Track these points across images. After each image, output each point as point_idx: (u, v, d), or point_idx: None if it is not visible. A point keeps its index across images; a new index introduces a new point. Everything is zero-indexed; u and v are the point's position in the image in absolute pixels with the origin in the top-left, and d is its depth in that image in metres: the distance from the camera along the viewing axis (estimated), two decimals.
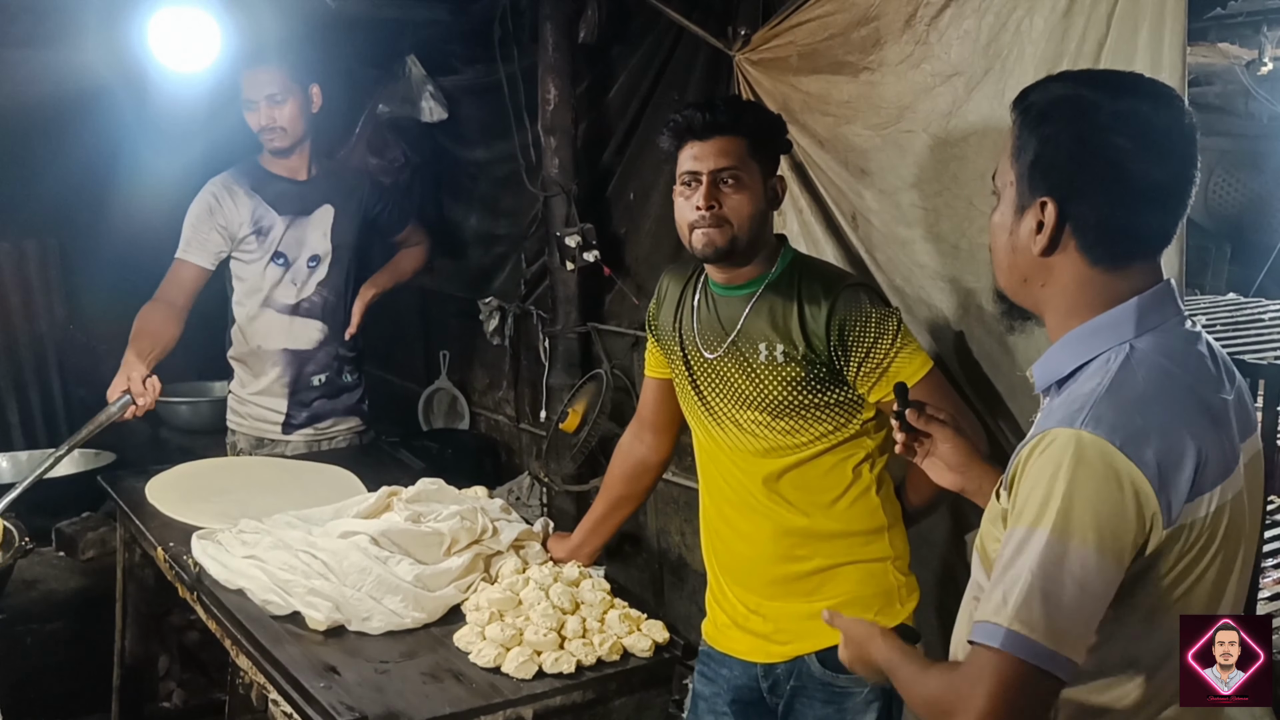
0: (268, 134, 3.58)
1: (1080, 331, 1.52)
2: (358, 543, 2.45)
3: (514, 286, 4.58)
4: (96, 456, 4.41)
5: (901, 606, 2.34)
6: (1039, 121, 1.52)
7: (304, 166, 3.70)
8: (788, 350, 2.26)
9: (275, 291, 3.68)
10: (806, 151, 2.86)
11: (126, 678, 3.44)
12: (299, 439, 3.75)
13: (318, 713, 2.02)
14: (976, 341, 2.55)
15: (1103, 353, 1.49)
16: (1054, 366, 1.54)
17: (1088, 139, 1.48)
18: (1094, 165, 1.48)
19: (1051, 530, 1.36)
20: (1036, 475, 1.40)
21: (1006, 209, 1.57)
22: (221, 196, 3.62)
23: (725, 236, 2.23)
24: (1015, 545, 1.40)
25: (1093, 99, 1.50)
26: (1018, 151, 1.54)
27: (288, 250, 3.67)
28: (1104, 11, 2.17)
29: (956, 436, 1.88)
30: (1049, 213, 1.49)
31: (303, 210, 3.68)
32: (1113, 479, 1.37)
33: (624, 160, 3.96)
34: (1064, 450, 1.39)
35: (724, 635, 2.45)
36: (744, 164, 2.24)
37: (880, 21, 2.63)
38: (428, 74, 4.62)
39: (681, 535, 3.86)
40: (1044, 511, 1.38)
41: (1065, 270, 1.52)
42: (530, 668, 2.15)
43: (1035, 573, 1.36)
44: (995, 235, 1.60)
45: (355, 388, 3.90)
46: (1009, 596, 1.38)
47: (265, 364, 3.72)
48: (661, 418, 2.64)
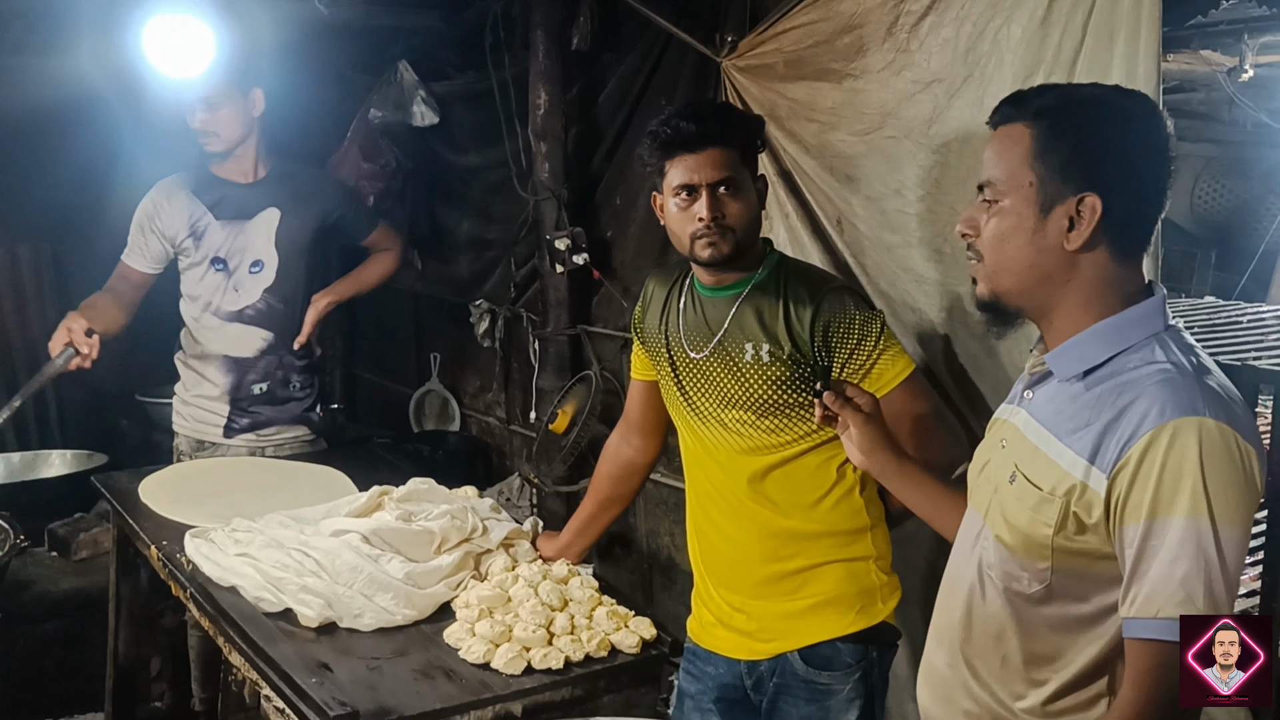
0: (202, 137, 3.50)
1: (1114, 322, 1.57)
2: (349, 541, 2.47)
3: (504, 289, 4.60)
4: (89, 458, 4.45)
5: (883, 605, 2.36)
6: (1071, 120, 1.57)
7: (251, 169, 3.59)
8: (774, 350, 2.28)
9: (216, 297, 3.57)
10: (793, 157, 2.90)
11: (120, 678, 3.44)
12: (240, 443, 3.63)
13: (310, 709, 2.03)
14: (961, 344, 2.58)
15: (1137, 343, 1.56)
16: (1084, 355, 1.58)
17: (1128, 137, 1.56)
18: (1133, 162, 1.57)
19: (1207, 518, 1.42)
20: (1175, 465, 1.44)
21: (1024, 210, 1.59)
22: (160, 201, 3.55)
23: (730, 244, 2.26)
24: (1175, 536, 1.44)
25: (1119, 102, 1.60)
26: (1041, 152, 1.57)
27: (227, 256, 3.55)
28: (1080, 21, 2.20)
29: (866, 424, 1.95)
30: (1089, 206, 1.54)
31: (243, 214, 3.56)
32: (1240, 461, 1.45)
33: (613, 165, 3.99)
34: (1196, 438, 1.44)
35: (709, 633, 2.47)
36: (738, 171, 2.27)
37: (863, 29, 2.66)
38: (419, 79, 4.64)
39: (671, 536, 3.88)
40: (1195, 501, 1.43)
41: (1090, 265, 1.58)
42: (519, 664, 2.17)
43: (1210, 560, 1.42)
44: (1004, 239, 1.62)
45: (304, 397, 3.74)
46: (1193, 591, 1.43)
47: (207, 368, 3.62)
48: (648, 420, 2.66)
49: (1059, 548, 1.57)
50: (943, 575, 1.84)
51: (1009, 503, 1.64)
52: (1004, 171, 1.61)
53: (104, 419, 5.30)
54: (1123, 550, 1.49)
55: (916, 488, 1.99)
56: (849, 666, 2.31)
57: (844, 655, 2.32)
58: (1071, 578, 1.59)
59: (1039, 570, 1.60)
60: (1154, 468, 1.45)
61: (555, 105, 3.94)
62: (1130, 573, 1.48)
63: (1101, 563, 1.55)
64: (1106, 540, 1.52)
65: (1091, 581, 1.57)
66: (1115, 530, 1.50)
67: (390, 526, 2.53)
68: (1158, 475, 1.45)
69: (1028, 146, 1.59)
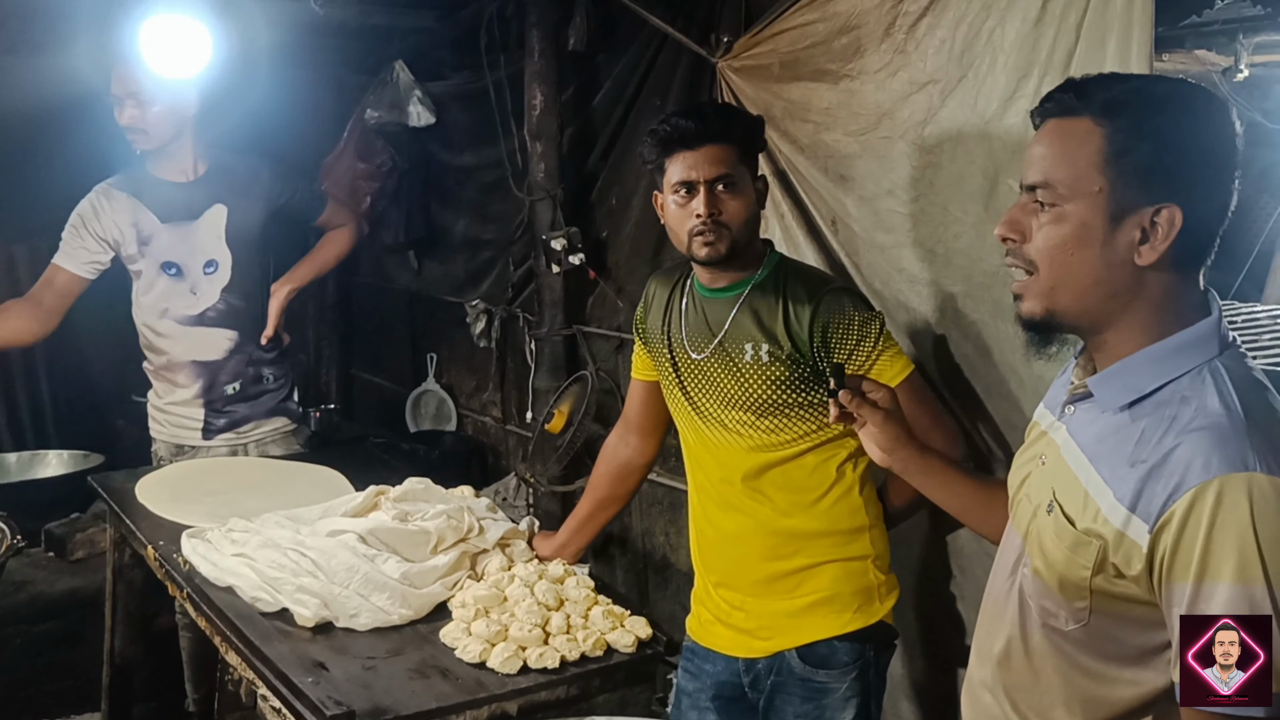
0: (130, 134, 3.40)
1: (1165, 347, 1.43)
2: (346, 541, 2.47)
3: (500, 290, 4.61)
4: (86, 458, 4.44)
5: (880, 604, 2.37)
6: (1154, 122, 1.41)
7: (189, 166, 3.49)
8: (773, 350, 2.29)
9: (173, 303, 3.48)
10: (788, 158, 2.90)
11: (116, 678, 3.44)
12: (220, 443, 3.58)
13: (306, 708, 2.03)
14: (955, 344, 2.59)
15: (1190, 369, 1.41)
16: (1133, 383, 1.44)
17: (1210, 141, 1.42)
18: (1213, 169, 1.42)
19: (1262, 583, 1.30)
20: (1223, 525, 1.30)
21: (1091, 219, 1.43)
22: (100, 205, 3.45)
23: (727, 242, 2.27)
24: (1222, 603, 1.31)
25: (1197, 101, 1.43)
26: (1115, 155, 1.41)
27: (178, 259, 3.45)
28: (1073, 22, 2.21)
29: (886, 421, 1.89)
30: (1172, 219, 1.39)
31: (188, 215, 3.46)
32: None
33: (608, 165, 4.00)
34: (1246, 497, 1.30)
35: (707, 631, 2.48)
36: (736, 169, 2.28)
37: (860, 30, 2.67)
38: (415, 80, 4.66)
39: (666, 536, 3.89)
40: (1247, 564, 1.29)
41: (1157, 283, 1.43)
42: (515, 663, 2.17)
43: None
44: (1067, 250, 1.45)
45: (278, 388, 3.69)
46: None
47: (176, 375, 3.55)
48: (647, 420, 2.67)
49: (1098, 589, 1.45)
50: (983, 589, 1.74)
51: (1046, 535, 1.52)
52: (1068, 173, 1.44)
53: (100, 419, 5.30)
54: (1169, 608, 1.37)
55: (944, 484, 1.91)
56: (846, 665, 2.32)
57: (841, 654, 2.33)
58: (1111, 619, 1.47)
59: (1076, 610, 1.48)
60: (1200, 527, 1.32)
61: (551, 105, 3.95)
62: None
63: (1143, 607, 1.42)
64: (1150, 591, 1.40)
65: (1134, 624, 1.45)
66: (1161, 587, 1.37)
67: (386, 526, 2.53)
68: (1205, 536, 1.31)
69: (1098, 147, 1.42)
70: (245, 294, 3.56)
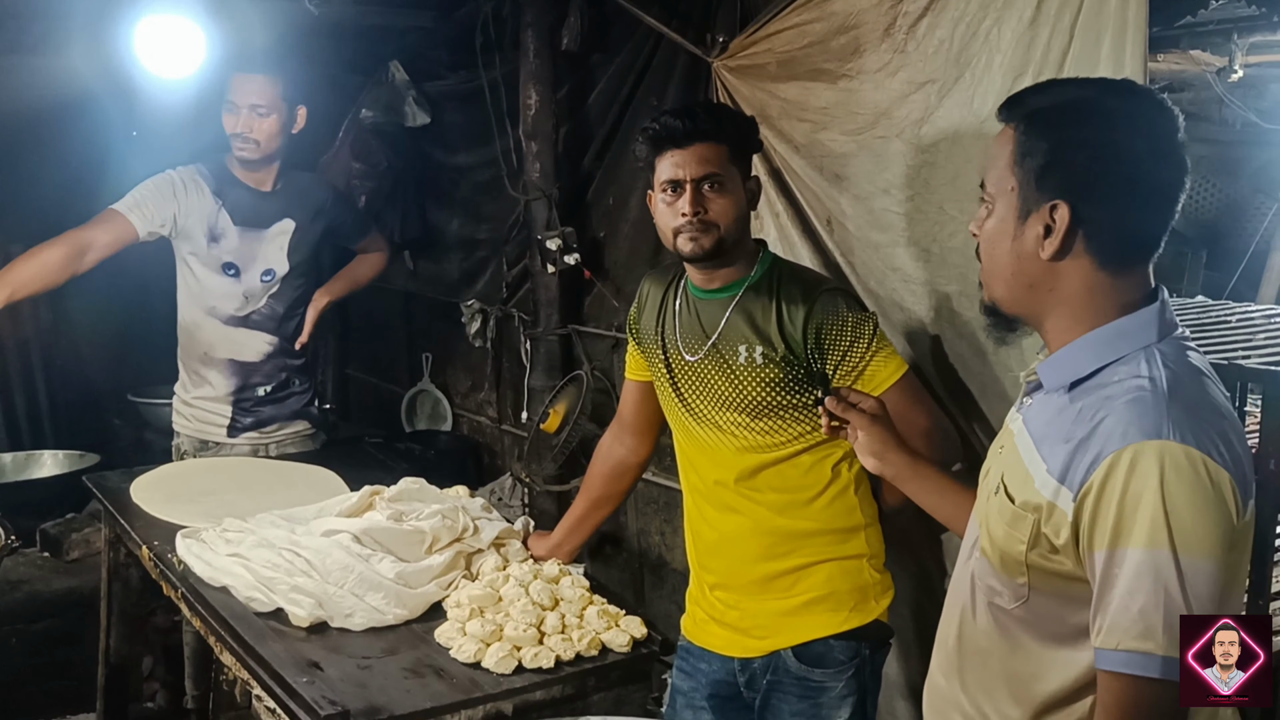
0: (240, 142, 3.45)
1: (1103, 333, 1.51)
2: (340, 541, 2.47)
3: (496, 289, 4.61)
4: (81, 458, 4.44)
5: (876, 603, 2.37)
6: (1050, 125, 1.52)
7: (271, 179, 3.57)
8: (767, 352, 2.29)
9: (222, 302, 3.55)
10: (783, 157, 2.90)
11: (111, 677, 3.44)
12: (243, 441, 3.64)
13: (301, 708, 2.03)
14: (949, 344, 2.59)
15: (1127, 355, 1.49)
16: (1073, 366, 1.53)
17: (1105, 141, 1.49)
18: (1111, 167, 1.49)
19: (1167, 549, 1.35)
20: (1135, 493, 1.37)
21: (1006, 215, 1.55)
22: (188, 184, 3.49)
23: (712, 239, 2.27)
24: (1132, 568, 1.37)
25: (1105, 102, 1.51)
26: (1021, 156, 1.52)
27: (239, 261, 3.53)
28: (1068, 22, 2.21)
29: (873, 425, 1.94)
30: (1061, 215, 1.49)
31: (260, 223, 3.55)
32: (1210, 487, 1.37)
33: (604, 165, 4.00)
34: (1157, 464, 1.37)
35: (702, 630, 2.48)
36: (725, 169, 2.28)
37: (860, 30, 2.66)
38: (411, 79, 4.66)
39: (661, 535, 3.89)
40: (1154, 531, 1.36)
41: (1074, 275, 1.52)
42: (510, 663, 2.17)
43: (1170, 594, 1.35)
44: (993, 244, 1.58)
45: (304, 392, 3.78)
46: (1151, 624, 1.36)
47: (210, 370, 3.61)
48: (641, 420, 2.67)
49: (1034, 565, 1.52)
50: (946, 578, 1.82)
51: (992, 514, 1.60)
52: (993, 175, 1.58)
53: (96, 419, 5.31)
54: (1092, 575, 1.43)
55: (933, 490, 1.94)
56: (841, 664, 2.32)
57: (836, 653, 2.33)
58: (1048, 597, 1.53)
59: (1017, 587, 1.56)
60: (1114, 494, 1.39)
61: (546, 105, 3.95)
62: (1096, 601, 1.42)
63: (1076, 584, 1.48)
64: (1077, 563, 1.47)
65: (1072, 603, 1.50)
66: (1085, 555, 1.44)
67: (381, 526, 2.53)
68: (1118, 502, 1.39)
69: (1011, 149, 1.54)
70: (290, 303, 3.65)
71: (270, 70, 3.44)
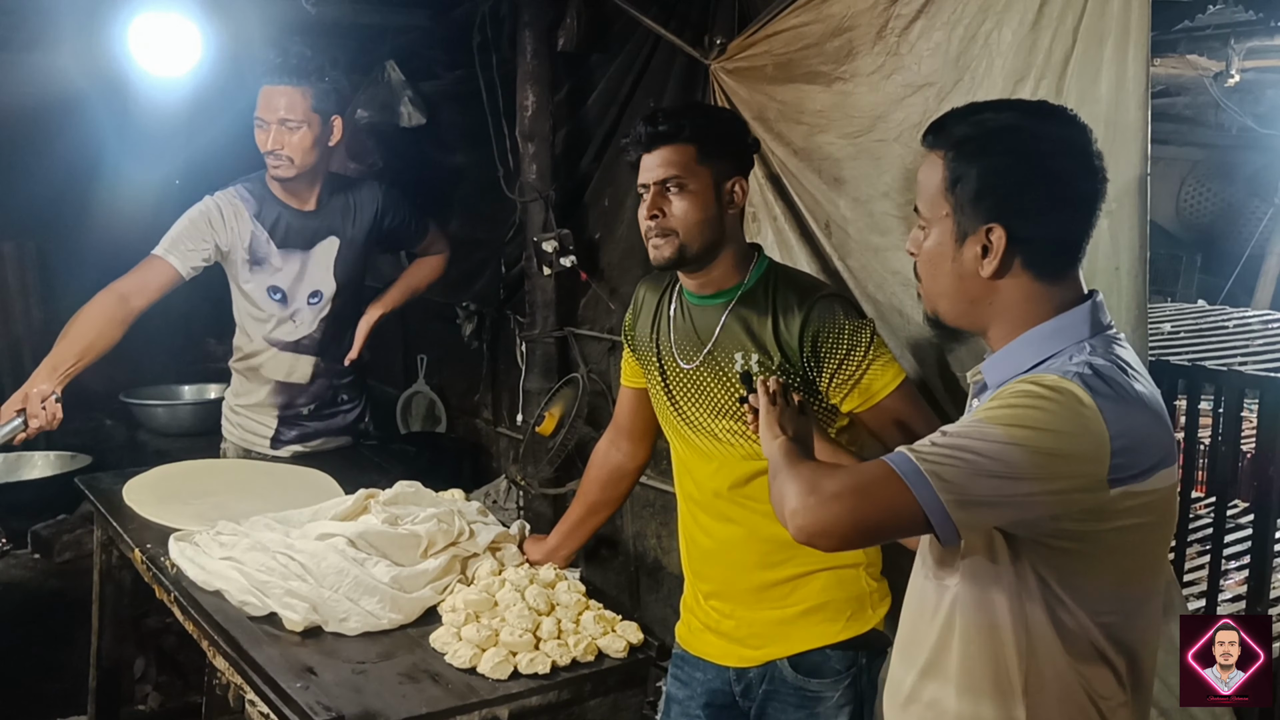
0: (273, 159, 3.28)
1: (1040, 331, 1.61)
2: (335, 544, 2.45)
3: (492, 291, 4.60)
4: (73, 459, 4.43)
5: (873, 612, 2.35)
6: (978, 153, 1.60)
7: (313, 197, 3.41)
8: (763, 360, 2.26)
9: (270, 325, 3.45)
10: (781, 160, 2.90)
11: (103, 679, 3.42)
12: (285, 453, 3.56)
13: (295, 713, 2.02)
14: (948, 348, 2.58)
15: (1063, 349, 1.58)
16: (1014, 363, 1.61)
17: (1034, 164, 1.58)
18: (1041, 188, 1.58)
19: (1002, 424, 1.47)
20: (1016, 394, 1.50)
21: (944, 239, 1.63)
22: (226, 213, 3.34)
23: (673, 246, 2.25)
24: (965, 425, 1.51)
25: (1027, 126, 1.61)
26: (952, 183, 1.60)
27: (285, 286, 3.41)
28: (1070, 25, 2.21)
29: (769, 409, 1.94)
30: (997, 237, 1.58)
31: (304, 245, 3.42)
32: (1079, 418, 1.47)
33: (601, 167, 3.99)
34: (1047, 385, 1.49)
35: (697, 639, 2.46)
36: (688, 171, 2.24)
37: (853, 32, 2.66)
38: (406, 79, 4.64)
39: (658, 539, 3.88)
40: (1003, 415, 1.48)
41: (1013, 288, 1.61)
42: (506, 668, 2.16)
43: (970, 444, 1.48)
44: (933, 264, 1.66)
45: (350, 409, 3.69)
46: (938, 451, 1.49)
47: (258, 385, 3.53)
48: (638, 425, 2.65)
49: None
50: None
51: None
52: (926, 201, 1.65)
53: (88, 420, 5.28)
54: None
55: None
56: (838, 673, 2.31)
57: (833, 662, 2.31)
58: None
59: None
60: (1000, 394, 1.54)
61: (543, 106, 3.94)
62: None
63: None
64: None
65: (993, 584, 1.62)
66: None
67: (376, 530, 2.52)
68: (1002, 398, 1.52)
69: (942, 176, 1.62)
70: (340, 322, 3.53)
71: (298, 80, 3.25)
